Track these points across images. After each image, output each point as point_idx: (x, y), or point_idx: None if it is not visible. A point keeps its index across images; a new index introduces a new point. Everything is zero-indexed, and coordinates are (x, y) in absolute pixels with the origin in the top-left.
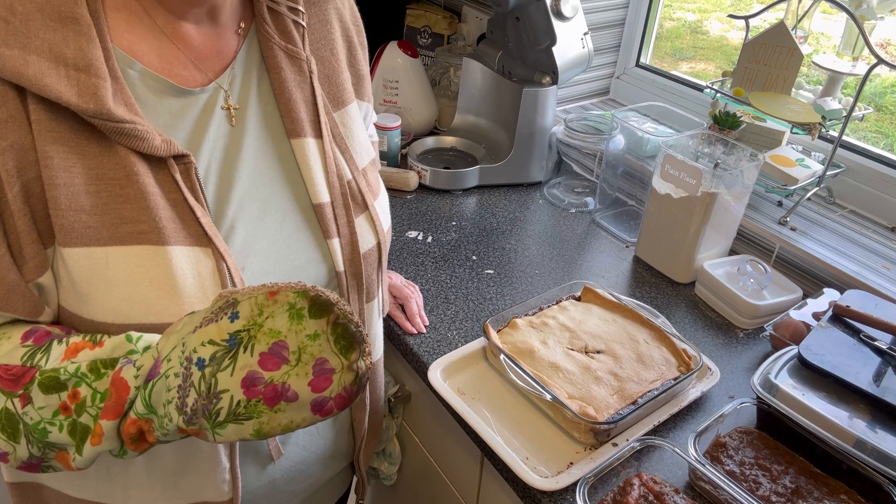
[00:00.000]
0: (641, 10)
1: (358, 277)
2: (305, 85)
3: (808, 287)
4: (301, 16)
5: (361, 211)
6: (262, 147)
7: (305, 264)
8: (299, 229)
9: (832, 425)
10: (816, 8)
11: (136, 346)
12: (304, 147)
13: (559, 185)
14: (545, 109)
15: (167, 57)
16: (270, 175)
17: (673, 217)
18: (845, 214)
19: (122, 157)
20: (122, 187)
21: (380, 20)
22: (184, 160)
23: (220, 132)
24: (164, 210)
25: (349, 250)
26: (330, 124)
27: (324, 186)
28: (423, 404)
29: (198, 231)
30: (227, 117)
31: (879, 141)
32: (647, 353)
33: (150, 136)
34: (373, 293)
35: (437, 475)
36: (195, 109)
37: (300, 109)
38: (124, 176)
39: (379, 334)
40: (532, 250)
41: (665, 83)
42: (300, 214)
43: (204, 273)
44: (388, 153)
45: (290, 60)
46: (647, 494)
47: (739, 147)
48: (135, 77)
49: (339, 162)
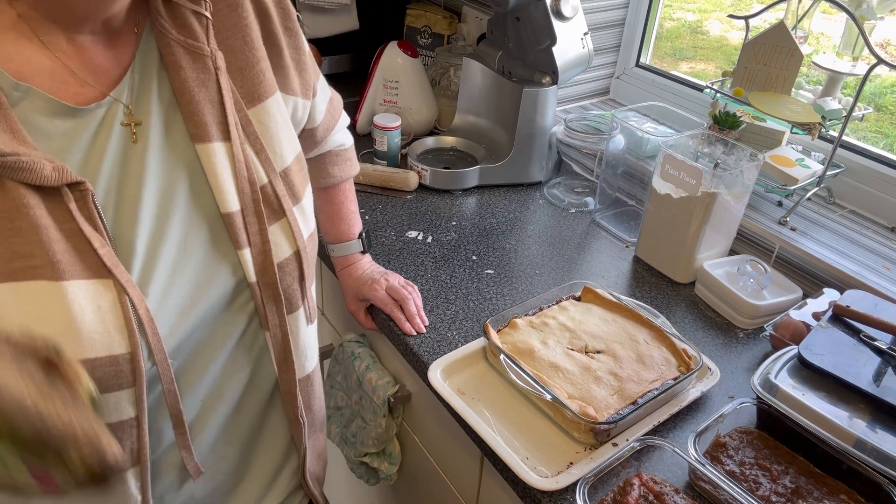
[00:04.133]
0: (641, 10)
1: (273, 288)
2: (211, 83)
3: (808, 287)
4: (203, 5)
5: (277, 218)
6: (167, 157)
7: (212, 278)
8: (206, 242)
9: (832, 425)
10: (816, 8)
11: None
12: (211, 152)
13: (559, 185)
14: (545, 109)
15: (60, 76)
16: (175, 187)
17: (673, 217)
18: (845, 214)
19: (9, 189)
20: (11, 220)
21: (380, 20)
22: (79, 187)
23: (120, 150)
24: (58, 243)
25: (261, 260)
26: (242, 123)
27: (233, 193)
28: (423, 404)
29: (96, 262)
30: (127, 134)
31: (879, 141)
32: (647, 353)
33: (38, 167)
34: (295, 304)
35: (437, 475)
36: (91, 128)
37: (205, 111)
38: (13, 208)
39: (310, 344)
40: (532, 250)
41: (665, 83)
42: (206, 226)
43: (104, 307)
44: (388, 153)
45: (191, 57)
46: (647, 494)
47: (739, 147)
48: (21, 99)
49: (251, 165)
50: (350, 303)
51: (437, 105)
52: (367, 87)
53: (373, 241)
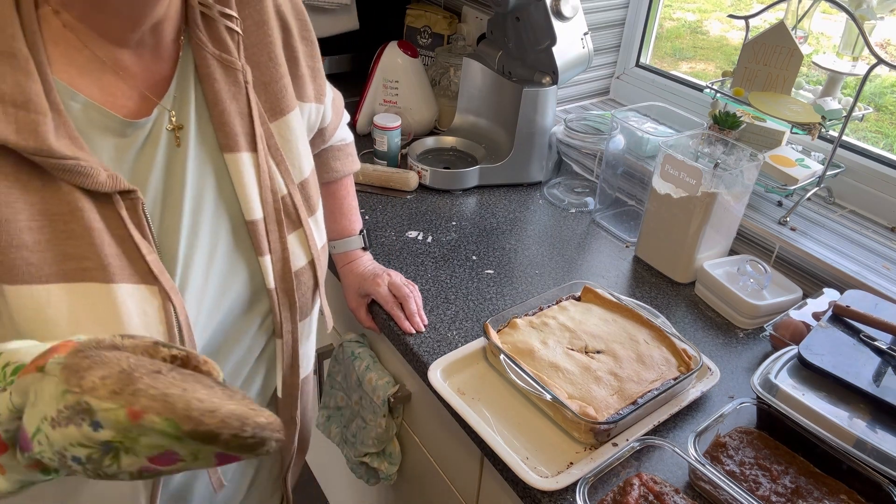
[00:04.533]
0: (641, 10)
1: (290, 294)
2: (241, 96)
3: (807, 287)
4: (235, 21)
5: (294, 228)
6: (200, 165)
7: (232, 283)
8: (231, 248)
9: (832, 425)
10: (816, 8)
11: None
12: (239, 162)
13: (559, 185)
14: (545, 109)
15: (110, 88)
16: (204, 194)
17: (673, 217)
18: (845, 214)
19: (65, 192)
20: (66, 223)
21: (380, 20)
22: (130, 196)
23: (165, 158)
24: (109, 247)
25: (280, 267)
26: (266, 135)
27: (257, 202)
28: (423, 404)
29: (144, 269)
30: (171, 139)
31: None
32: (647, 353)
33: (95, 172)
34: (307, 311)
35: (437, 475)
36: (140, 139)
37: (234, 122)
38: (69, 211)
39: (309, 352)
40: (532, 250)
41: (665, 83)
42: (232, 233)
43: (150, 312)
44: (388, 153)
45: (224, 70)
46: (647, 494)
47: (739, 147)
48: (78, 110)
49: (273, 176)
50: (351, 300)
51: (437, 105)
52: (367, 87)
53: (373, 241)
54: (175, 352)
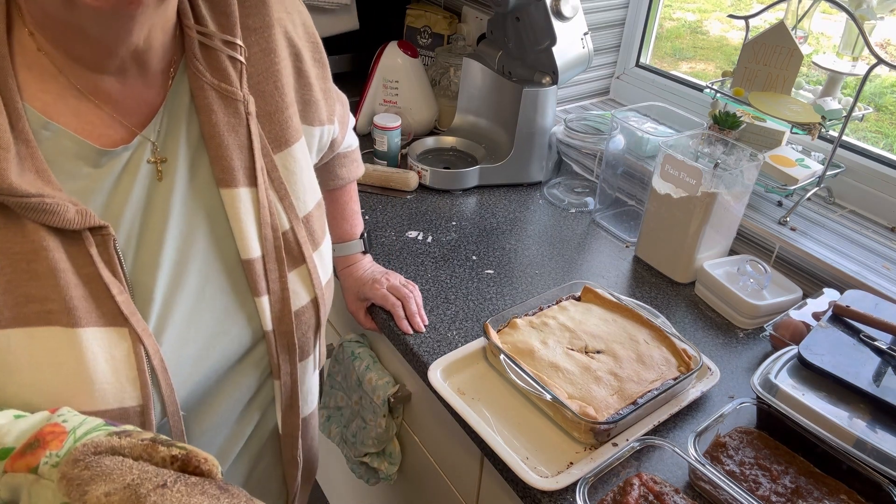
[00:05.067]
0: (641, 10)
1: (289, 336)
2: (241, 128)
3: (808, 287)
4: (239, 50)
5: (296, 265)
6: (190, 201)
7: (228, 328)
8: (224, 290)
9: (832, 425)
10: (816, 8)
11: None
12: (236, 198)
13: (559, 185)
14: (545, 109)
15: (87, 116)
16: (196, 232)
17: (673, 217)
18: (845, 214)
19: (30, 230)
20: (28, 262)
21: (380, 20)
22: (101, 231)
23: (145, 191)
24: (75, 288)
25: (279, 308)
26: (268, 168)
27: (255, 240)
28: (423, 404)
29: (113, 310)
30: (153, 172)
31: (879, 141)
32: (647, 353)
33: (62, 209)
34: (307, 351)
35: (437, 475)
36: (116, 169)
37: (233, 156)
38: (32, 251)
39: (313, 386)
40: (532, 250)
41: (665, 83)
42: (225, 273)
43: (118, 357)
44: (388, 153)
45: (223, 101)
46: (647, 494)
47: (739, 147)
48: (48, 139)
49: (275, 211)
50: (350, 303)
51: (437, 105)
52: (367, 87)
53: (373, 241)
54: (175, 451)
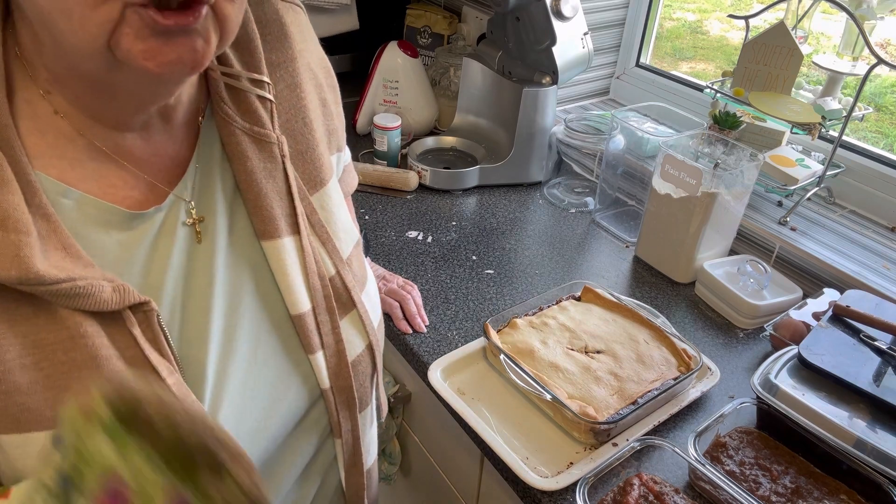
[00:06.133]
0: (641, 10)
1: (348, 391)
2: (278, 172)
3: (808, 287)
4: (267, 88)
5: (347, 311)
6: (231, 259)
7: (284, 393)
8: (276, 352)
9: (832, 425)
10: (816, 8)
11: None
12: (281, 249)
13: (559, 185)
14: (545, 109)
15: (110, 178)
16: (241, 292)
17: (673, 217)
18: (845, 214)
19: (63, 317)
20: (66, 352)
21: (380, 20)
22: (143, 308)
23: (185, 256)
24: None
25: (335, 362)
26: (307, 212)
27: (303, 292)
28: (423, 404)
29: None
30: (192, 235)
31: (879, 141)
32: (647, 353)
33: (97, 290)
34: (366, 402)
35: (437, 475)
36: (150, 234)
37: (273, 205)
38: (68, 338)
39: (374, 438)
40: (532, 250)
41: (665, 83)
42: (276, 332)
43: None
44: (388, 153)
45: (257, 146)
46: (647, 494)
47: (739, 147)
48: (71, 208)
49: (319, 258)
50: None
51: (437, 105)
52: (367, 87)
53: (373, 241)
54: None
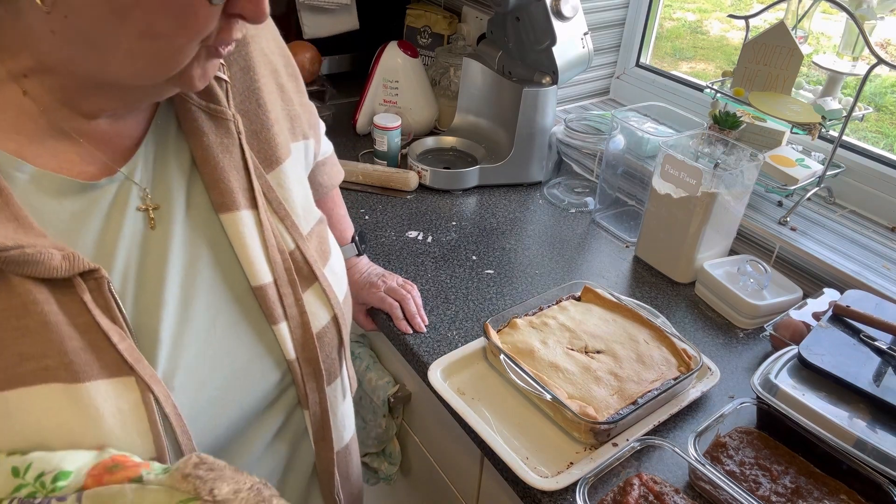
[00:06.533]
0: (641, 10)
1: (314, 363)
2: (234, 148)
3: (808, 287)
4: (222, 68)
5: (310, 284)
6: (189, 234)
7: (248, 363)
8: (237, 322)
9: (832, 425)
10: (816, 8)
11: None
12: (238, 221)
13: (559, 185)
14: (545, 109)
15: (67, 155)
16: (199, 264)
17: (673, 217)
18: (845, 214)
19: (14, 284)
20: (18, 319)
21: (380, 20)
22: (93, 275)
23: (139, 232)
24: (72, 340)
25: (300, 333)
26: (264, 189)
27: (264, 265)
28: (423, 404)
29: (115, 359)
30: (144, 220)
31: (879, 141)
32: (647, 353)
33: (46, 258)
34: (334, 374)
35: (437, 475)
36: (103, 207)
37: (230, 178)
38: (20, 305)
39: (348, 413)
40: (532, 250)
41: (665, 83)
42: (236, 303)
43: (125, 409)
44: (388, 153)
45: (214, 122)
46: (647, 494)
47: (739, 147)
48: (24, 181)
49: (278, 232)
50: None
51: (437, 105)
52: (367, 87)
53: (373, 241)
54: None
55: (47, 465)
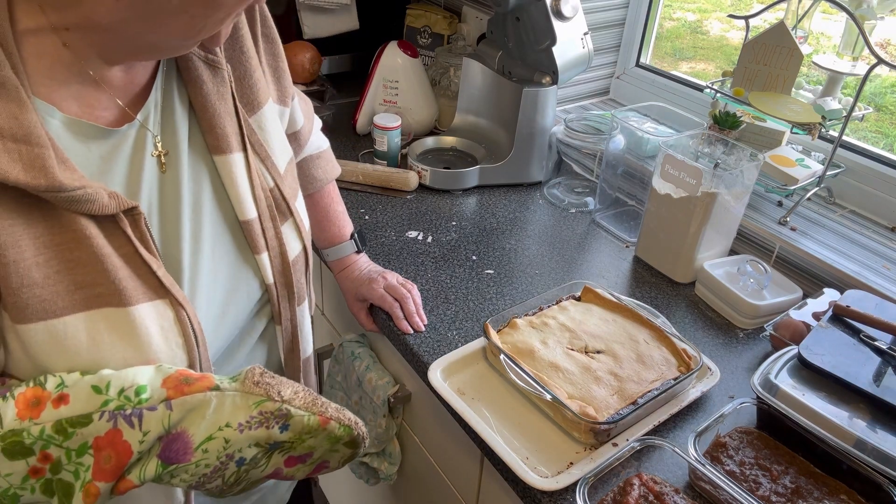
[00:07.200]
0: (641, 10)
1: (289, 287)
2: (227, 95)
3: (808, 287)
4: None
5: (286, 219)
6: (192, 173)
7: (237, 285)
8: (230, 250)
9: (832, 425)
10: (816, 8)
11: (110, 394)
12: (231, 163)
13: (559, 185)
14: (545, 109)
15: (88, 100)
16: (202, 199)
17: (673, 217)
18: (845, 214)
19: (68, 220)
20: (72, 251)
21: (380, 20)
22: (132, 212)
23: (155, 174)
24: (119, 269)
25: (279, 262)
26: (247, 132)
27: (250, 202)
28: (423, 404)
29: (155, 284)
30: (157, 164)
31: (879, 141)
32: (647, 353)
33: (98, 196)
34: (303, 296)
35: (437, 475)
36: (126, 150)
37: (225, 123)
38: (73, 239)
39: (308, 332)
40: (532, 250)
41: (665, 83)
42: (229, 235)
43: (166, 326)
44: (388, 153)
45: (211, 71)
46: (647, 494)
47: (739, 147)
48: (58, 127)
49: (260, 172)
50: (351, 304)
51: (437, 105)
52: (367, 87)
53: (373, 241)
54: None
55: (123, 381)
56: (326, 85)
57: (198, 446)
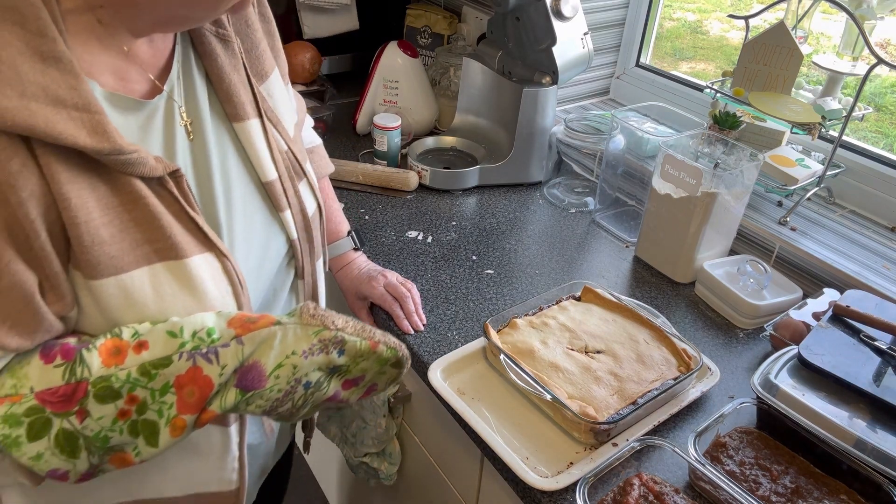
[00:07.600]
0: (641, 10)
1: (311, 242)
2: (239, 66)
3: (808, 287)
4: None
5: (300, 178)
6: (216, 139)
7: (267, 241)
8: (258, 208)
9: (832, 425)
10: (816, 8)
11: (184, 337)
12: (249, 129)
13: (559, 185)
14: (545, 109)
15: (120, 73)
16: (229, 161)
17: (673, 217)
18: (845, 214)
19: (123, 183)
20: (129, 212)
21: (380, 20)
22: (175, 175)
23: (184, 141)
24: (172, 225)
25: (300, 218)
26: (259, 99)
27: (270, 164)
28: (423, 404)
29: (202, 238)
30: (185, 133)
31: (879, 141)
32: (647, 353)
33: (148, 160)
34: (319, 252)
35: (437, 475)
36: (158, 120)
37: (240, 92)
38: (130, 200)
39: (324, 286)
40: (532, 250)
41: (665, 83)
42: (255, 195)
43: (216, 276)
44: (388, 153)
45: (223, 45)
46: (647, 494)
47: (739, 147)
48: (101, 99)
49: (274, 136)
50: (351, 302)
51: (437, 105)
52: (367, 87)
53: (373, 241)
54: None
55: (194, 325)
56: (326, 85)
57: (270, 373)
